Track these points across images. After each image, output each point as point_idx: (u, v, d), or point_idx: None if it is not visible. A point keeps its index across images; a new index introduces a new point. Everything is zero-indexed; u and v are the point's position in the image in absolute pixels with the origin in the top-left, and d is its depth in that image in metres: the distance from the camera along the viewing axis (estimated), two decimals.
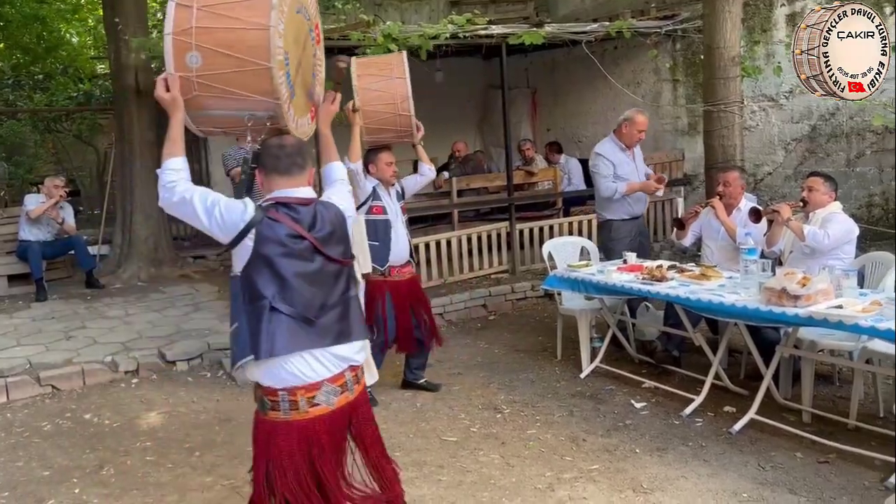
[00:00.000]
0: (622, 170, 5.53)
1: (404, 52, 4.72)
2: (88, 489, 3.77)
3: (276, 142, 2.50)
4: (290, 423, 2.38)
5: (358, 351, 2.50)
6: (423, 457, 3.95)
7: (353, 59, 4.62)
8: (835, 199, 4.52)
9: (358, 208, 4.49)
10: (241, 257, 2.37)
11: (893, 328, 3.26)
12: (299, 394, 2.37)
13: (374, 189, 4.59)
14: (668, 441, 3.98)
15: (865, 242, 6.12)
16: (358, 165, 4.46)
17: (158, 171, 2.44)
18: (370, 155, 4.62)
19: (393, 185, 4.70)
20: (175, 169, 2.43)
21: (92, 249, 8.47)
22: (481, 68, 10.49)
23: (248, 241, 2.34)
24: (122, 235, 8.72)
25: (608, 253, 5.59)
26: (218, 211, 2.36)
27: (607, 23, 8.00)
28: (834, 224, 4.35)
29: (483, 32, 7.10)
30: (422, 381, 4.97)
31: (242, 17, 2.38)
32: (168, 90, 2.40)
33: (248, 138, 2.53)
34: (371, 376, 2.75)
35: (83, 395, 5.15)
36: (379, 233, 4.58)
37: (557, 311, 5.54)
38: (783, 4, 8.25)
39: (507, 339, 6.10)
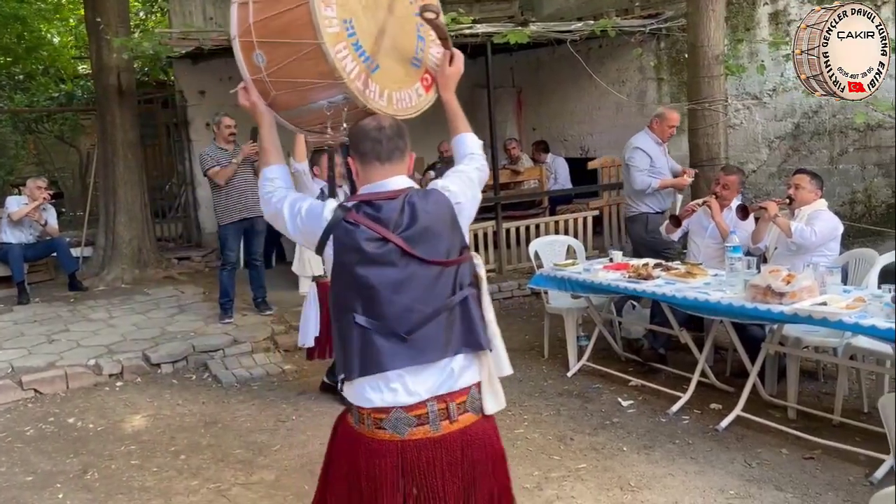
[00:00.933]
0: (658, 163, 5.70)
1: None
2: (72, 494, 3.73)
3: (373, 124, 2.10)
4: (358, 433, 2.05)
5: (458, 372, 2.05)
6: None
7: None
8: (820, 197, 4.56)
9: None
10: (328, 266, 2.07)
11: (879, 325, 3.29)
12: (367, 415, 2.01)
13: (321, 192, 4.42)
14: (655, 439, 3.99)
15: (848, 239, 6.16)
16: (303, 166, 4.38)
17: (259, 180, 2.24)
18: (315, 157, 4.52)
19: (340, 186, 4.44)
20: (270, 178, 2.19)
21: (75, 251, 8.38)
22: (466, 67, 10.44)
23: (329, 249, 2.02)
24: (105, 237, 8.64)
25: (643, 247, 5.65)
26: (300, 217, 2.07)
27: (592, 21, 8.02)
28: (820, 221, 4.38)
29: (468, 31, 7.09)
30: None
31: None
32: (247, 98, 2.18)
33: (328, 131, 2.20)
34: (496, 402, 2.21)
35: (66, 399, 5.09)
36: None
37: (544, 310, 5.54)
38: (766, 3, 8.30)
39: None
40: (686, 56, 6.90)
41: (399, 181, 2.08)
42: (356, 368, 1.98)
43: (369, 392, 1.99)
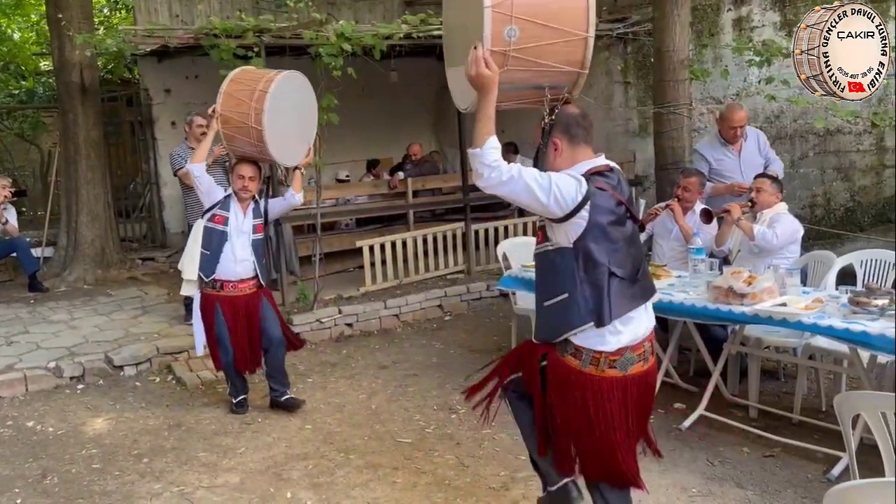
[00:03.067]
0: (722, 166, 5.41)
1: (288, 72, 4.49)
2: (31, 499, 3.65)
3: (579, 112, 2.56)
4: (626, 378, 2.51)
5: (652, 316, 2.62)
6: (378, 459, 3.93)
7: (239, 67, 4.67)
8: (781, 200, 4.65)
9: (204, 213, 4.47)
10: (574, 230, 2.43)
11: (836, 325, 3.36)
12: (603, 357, 2.48)
13: (226, 198, 4.46)
14: None
15: (808, 241, 6.30)
16: (197, 167, 4.41)
17: (474, 150, 2.42)
18: (234, 164, 4.55)
19: (246, 199, 4.48)
20: (495, 147, 2.42)
21: (35, 251, 8.20)
22: (436, 69, 10.47)
23: (585, 213, 2.40)
24: (67, 237, 8.46)
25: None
26: (555, 186, 2.39)
27: None
28: (781, 224, 4.46)
29: (437, 32, 7.09)
30: (284, 398, 4.62)
31: None
32: (488, 67, 2.37)
33: (545, 111, 2.53)
34: None
35: (25, 402, 4.98)
36: (213, 243, 4.39)
37: (512, 311, 5.57)
38: (730, 9, 8.45)
39: (462, 340, 6.11)
40: (652, 60, 6.99)
41: (603, 158, 2.58)
42: (608, 314, 2.43)
43: (608, 336, 2.46)
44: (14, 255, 7.82)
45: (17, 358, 5.51)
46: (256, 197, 4.57)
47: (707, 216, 4.69)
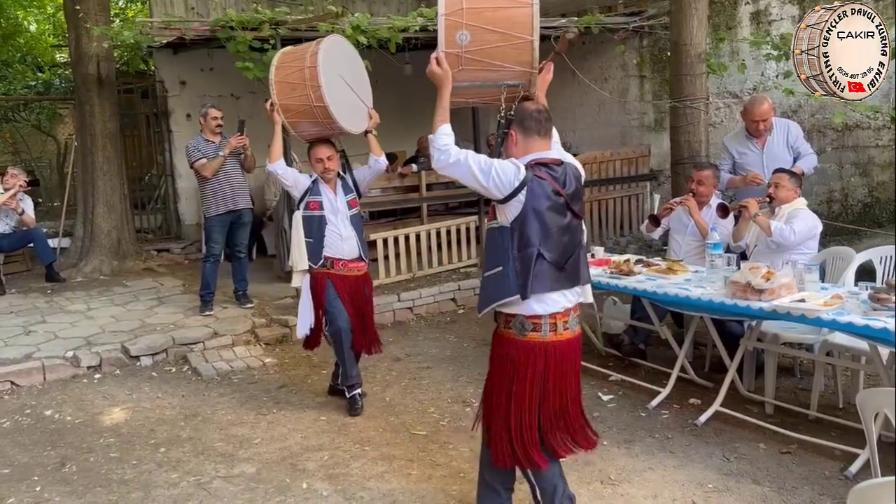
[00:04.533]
0: (744, 160, 5.37)
1: (327, 38, 4.33)
2: (50, 487, 3.69)
3: (535, 107, 2.80)
4: (547, 343, 2.74)
5: (585, 293, 2.89)
6: (393, 451, 3.94)
7: (280, 50, 4.49)
8: (799, 195, 4.61)
9: (298, 205, 4.41)
10: (511, 211, 2.69)
11: (856, 322, 3.34)
12: (559, 318, 2.74)
13: (313, 183, 4.40)
14: (634, 433, 4.02)
15: (826, 237, 6.25)
16: (276, 166, 4.34)
17: (431, 136, 2.76)
18: (308, 149, 4.46)
19: (331, 179, 4.41)
20: (447, 133, 2.75)
21: (52, 242, 8.28)
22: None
23: (521, 197, 2.65)
24: (83, 228, 8.53)
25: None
26: (494, 171, 2.67)
27: (575, 18, 8.04)
28: (799, 220, 4.43)
29: None
30: (353, 392, 4.49)
31: None
32: (440, 66, 2.75)
33: (502, 106, 2.83)
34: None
35: (43, 391, 5.03)
36: (313, 229, 4.33)
37: None
38: (748, 3, 8.37)
39: (475, 333, 6.11)
40: (669, 54, 6.95)
41: (554, 152, 2.83)
42: (536, 288, 2.68)
43: (534, 305, 2.71)
44: (31, 245, 7.89)
45: (36, 347, 5.56)
46: (341, 172, 4.49)
47: (723, 211, 4.66)
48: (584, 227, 2.92)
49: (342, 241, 4.37)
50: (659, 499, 3.33)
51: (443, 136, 2.75)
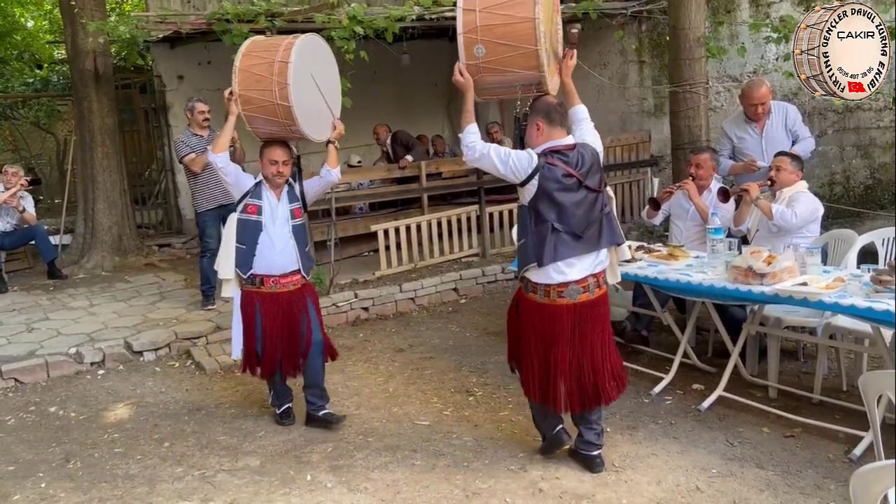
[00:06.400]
0: (743, 144, 5.32)
1: (305, 35, 4.10)
2: (55, 483, 3.70)
3: (553, 101, 3.32)
4: (541, 304, 3.31)
5: (603, 259, 3.35)
6: (397, 441, 3.94)
7: (248, 39, 4.20)
8: (801, 178, 4.58)
9: (236, 205, 4.06)
10: (528, 193, 3.23)
11: (858, 304, 3.33)
12: (553, 289, 3.26)
13: (256, 185, 4.02)
14: (638, 419, 4.02)
15: (827, 220, 6.23)
16: (218, 158, 3.96)
17: (461, 134, 3.34)
18: (261, 149, 4.10)
19: (279, 185, 4.04)
20: (474, 132, 3.31)
21: (53, 239, 8.27)
22: (448, 51, 10.41)
23: (535, 181, 3.19)
24: (84, 224, 8.53)
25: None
26: (511, 161, 3.22)
27: (573, 4, 7.99)
28: (801, 203, 4.40)
29: (450, 14, 7.03)
30: (322, 412, 4.18)
31: (514, 14, 3.21)
32: (462, 76, 3.33)
33: (518, 102, 3.39)
34: (614, 277, 3.51)
35: (47, 388, 5.04)
36: (247, 234, 3.97)
37: None
38: None
39: (478, 323, 6.11)
40: (667, 38, 6.90)
41: (570, 139, 3.32)
42: (549, 257, 3.20)
43: (553, 273, 3.24)
44: (32, 243, 7.89)
45: (39, 344, 5.57)
46: (291, 180, 4.12)
47: (724, 196, 4.64)
48: (610, 193, 3.46)
49: (274, 254, 3.99)
50: (663, 484, 3.33)
51: (470, 135, 3.30)
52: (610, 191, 3.52)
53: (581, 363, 3.32)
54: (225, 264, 4.03)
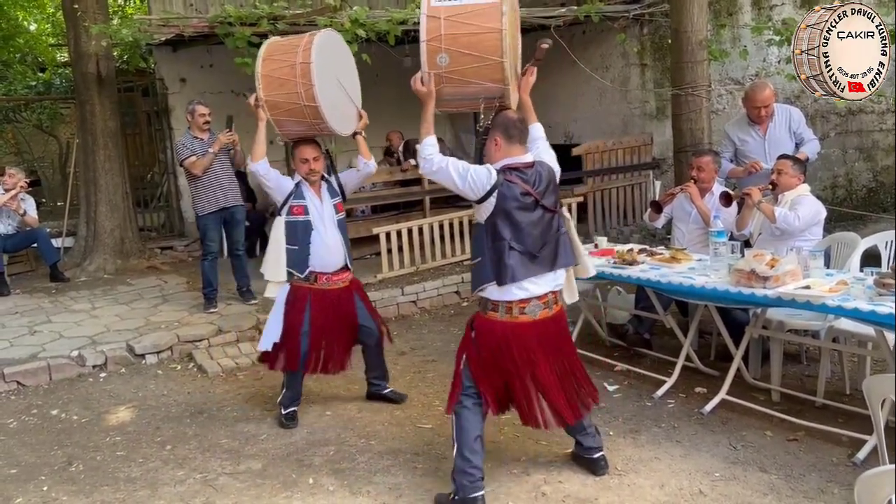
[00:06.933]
0: (746, 146, 5.31)
1: (320, 32, 4.08)
2: (57, 486, 3.70)
3: (515, 116, 3.21)
4: (503, 322, 3.17)
5: (560, 280, 3.26)
6: (399, 445, 3.94)
7: (266, 41, 4.17)
8: (803, 181, 4.58)
9: (279, 210, 4.13)
10: (486, 210, 3.11)
11: (862, 308, 3.32)
12: (515, 305, 3.14)
13: (296, 186, 4.10)
14: (641, 423, 4.02)
15: (830, 223, 6.22)
16: (258, 166, 4.05)
17: (418, 146, 3.18)
18: (292, 149, 4.19)
19: (316, 182, 4.14)
20: (432, 144, 3.16)
21: (55, 242, 8.27)
22: None
23: (493, 199, 3.06)
24: (86, 227, 8.54)
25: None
26: (470, 176, 3.08)
27: (575, 7, 8.00)
28: (803, 206, 4.40)
29: None
30: (385, 391, 4.55)
31: (479, 23, 3.08)
32: (423, 85, 3.17)
33: (481, 116, 3.25)
34: (571, 296, 3.39)
35: (49, 391, 5.04)
36: (298, 235, 4.05)
37: None
38: None
39: None
40: (669, 41, 6.90)
41: (529, 156, 3.20)
42: (508, 276, 3.08)
43: (515, 289, 3.13)
44: (35, 245, 7.90)
45: (41, 347, 5.58)
46: (325, 175, 4.20)
47: (727, 200, 4.63)
48: (566, 215, 3.36)
49: (327, 252, 4.11)
50: (666, 488, 3.32)
51: (428, 147, 3.14)
52: (566, 212, 3.44)
53: (562, 375, 3.28)
54: (274, 267, 4.09)
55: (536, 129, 3.38)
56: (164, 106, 9.60)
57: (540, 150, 3.33)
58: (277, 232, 4.09)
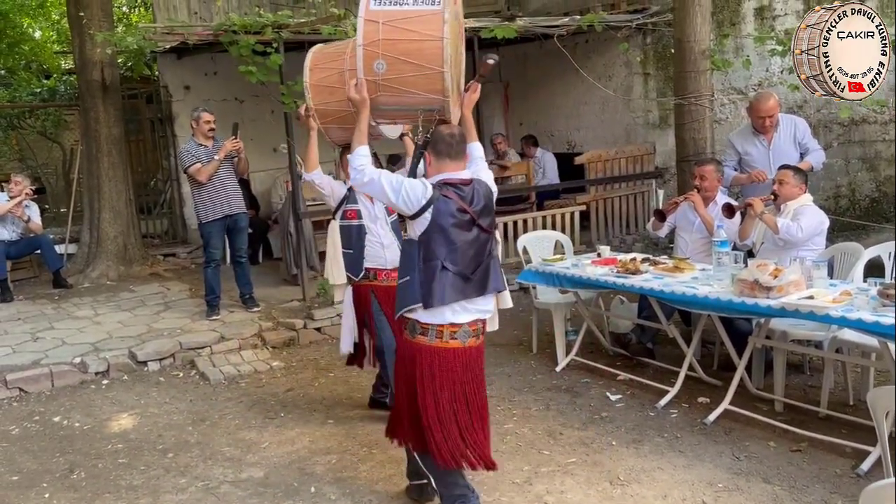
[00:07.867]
0: (750, 157, 5.30)
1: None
2: (59, 493, 3.69)
3: (448, 131, 3.01)
4: (432, 347, 2.97)
5: (489, 306, 3.10)
6: (401, 453, 3.91)
7: (310, 50, 4.07)
8: (805, 192, 4.58)
9: (333, 214, 4.26)
10: (419, 226, 2.92)
11: (866, 318, 3.31)
12: (446, 329, 2.95)
13: (349, 190, 4.17)
14: (643, 433, 4.00)
15: (833, 233, 6.21)
16: (314, 175, 4.14)
17: (350, 155, 3.05)
18: (341, 155, 4.26)
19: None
20: (364, 155, 3.00)
21: (59, 248, 8.28)
22: None
23: (428, 214, 2.88)
24: (89, 234, 8.55)
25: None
26: (404, 189, 2.89)
27: (578, 16, 8.01)
28: (806, 217, 4.40)
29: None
30: (388, 399, 4.38)
31: (420, 30, 2.92)
32: (359, 92, 3.02)
33: (420, 129, 3.09)
34: (493, 325, 3.35)
35: (52, 398, 5.04)
36: (352, 239, 4.14)
37: (532, 305, 5.55)
38: None
39: None
40: (672, 51, 6.91)
41: (465, 173, 3.04)
42: (438, 299, 2.89)
43: (447, 312, 2.94)
44: (38, 252, 7.92)
45: (43, 354, 5.58)
46: None
47: (729, 211, 4.63)
48: (497, 238, 3.24)
49: (384, 250, 4.15)
50: (668, 499, 3.31)
51: (360, 157, 2.99)
52: (498, 235, 3.30)
53: (478, 410, 3.11)
54: (336, 271, 4.21)
55: (476, 149, 3.24)
56: (167, 113, 9.63)
57: (479, 168, 3.18)
58: (334, 236, 4.24)
